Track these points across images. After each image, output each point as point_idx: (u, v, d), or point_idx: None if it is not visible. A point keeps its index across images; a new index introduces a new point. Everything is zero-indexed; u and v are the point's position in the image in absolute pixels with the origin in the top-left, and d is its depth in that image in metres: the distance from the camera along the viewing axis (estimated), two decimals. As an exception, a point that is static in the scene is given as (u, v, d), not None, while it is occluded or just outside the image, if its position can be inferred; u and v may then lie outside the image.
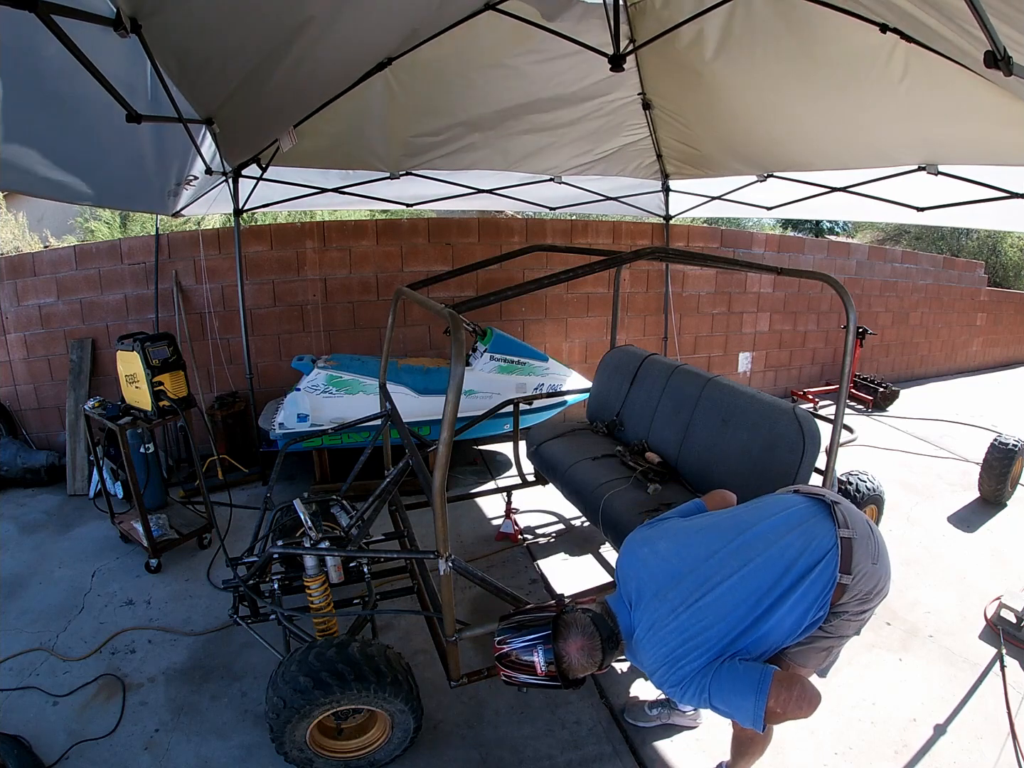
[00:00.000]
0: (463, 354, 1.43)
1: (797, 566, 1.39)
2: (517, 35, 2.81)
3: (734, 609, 1.36)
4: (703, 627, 1.35)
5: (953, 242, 10.86)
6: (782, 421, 2.27)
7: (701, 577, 1.42)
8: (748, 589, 1.38)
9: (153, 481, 3.28)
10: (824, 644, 1.51)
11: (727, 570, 1.41)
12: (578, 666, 1.39)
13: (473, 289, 4.79)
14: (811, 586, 1.38)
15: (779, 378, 6.37)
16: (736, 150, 3.77)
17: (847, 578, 1.39)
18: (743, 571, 1.40)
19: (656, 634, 1.39)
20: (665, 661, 1.36)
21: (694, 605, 1.38)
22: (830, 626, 1.48)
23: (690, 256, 2.39)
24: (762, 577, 1.39)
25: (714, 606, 1.37)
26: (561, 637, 1.40)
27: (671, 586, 1.43)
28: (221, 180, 3.47)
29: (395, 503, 2.74)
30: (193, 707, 2.20)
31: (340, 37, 2.41)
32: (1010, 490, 3.83)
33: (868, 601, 1.45)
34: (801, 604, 1.38)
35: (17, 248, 6.05)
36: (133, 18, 1.55)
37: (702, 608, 1.37)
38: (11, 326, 4.16)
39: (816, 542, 1.42)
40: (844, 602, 1.43)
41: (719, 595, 1.38)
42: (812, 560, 1.40)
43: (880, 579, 1.45)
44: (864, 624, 1.52)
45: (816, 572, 1.39)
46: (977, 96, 2.19)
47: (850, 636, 1.54)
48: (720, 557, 1.44)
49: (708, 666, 1.32)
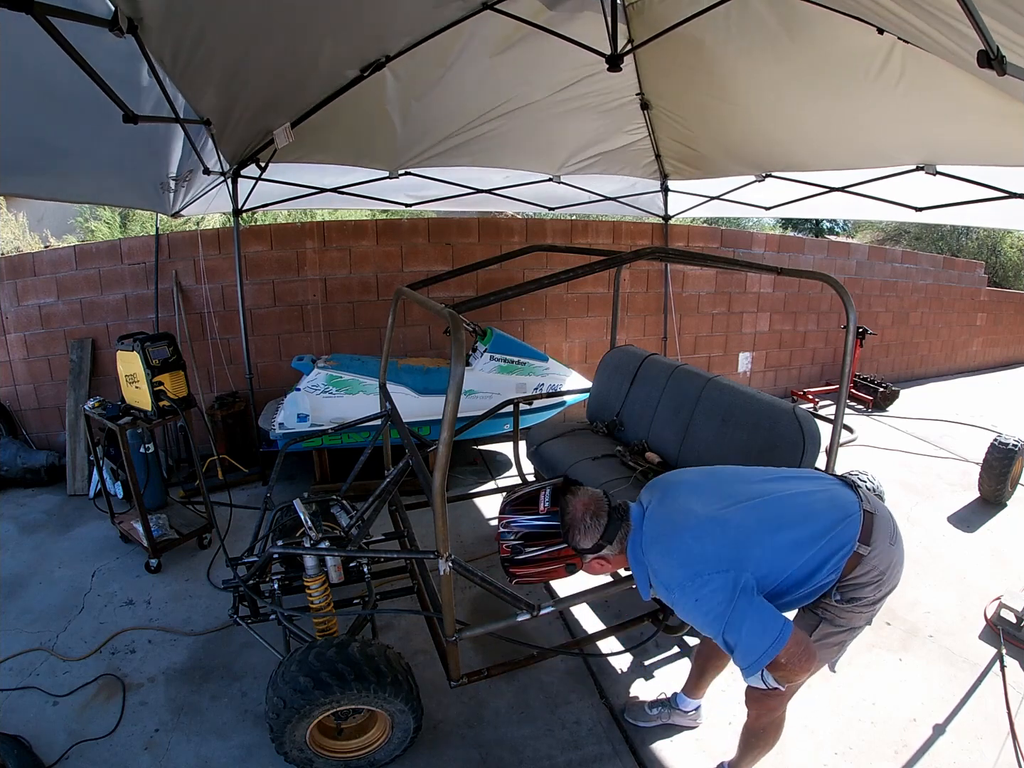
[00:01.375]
0: (463, 354, 1.42)
1: (822, 517, 1.41)
2: (515, 33, 2.81)
3: (757, 527, 1.36)
4: (724, 539, 1.34)
5: (953, 242, 10.86)
6: (782, 421, 2.27)
7: (728, 494, 1.44)
8: (772, 513, 1.40)
9: (153, 481, 3.28)
10: (837, 639, 1.51)
11: (755, 492, 1.45)
12: (580, 523, 1.41)
13: (473, 289, 4.79)
14: (831, 542, 1.38)
15: (779, 378, 6.37)
16: (735, 150, 3.77)
17: (865, 548, 1.40)
18: (770, 497, 1.43)
19: (673, 536, 1.38)
20: (683, 565, 1.32)
21: (719, 515, 1.38)
22: (843, 617, 1.47)
23: (690, 256, 2.38)
24: (788, 508, 1.42)
25: (737, 519, 1.37)
26: (569, 492, 1.46)
27: (695, 495, 1.45)
28: (220, 180, 3.47)
29: (395, 503, 2.74)
30: (193, 707, 2.20)
31: (337, 35, 2.41)
32: (1010, 490, 3.83)
33: (881, 586, 1.44)
34: (818, 555, 1.38)
35: (17, 248, 6.05)
36: (130, 18, 1.55)
37: (726, 519, 1.37)
38: (11, 326, 4.16)
39: (841, 503, 1.45)
40: (857, 579, 1.42)
41: (745, 510, 1.39)
42: (836, 516, 1.41)
43: (894, 562, 1.46)
44: (875, 614, 1.52)
45: (838, 530, 1.39)
46: (975, 96, 2.19)
47: (861, 628, 1.53)
48: (750, 483, 1.49)
49: (730, 591, 1.27)
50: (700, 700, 2.11)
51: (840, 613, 1.48)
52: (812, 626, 1.52)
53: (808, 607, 1.55)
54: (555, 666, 2.39)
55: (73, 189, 3.01)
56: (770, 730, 1.72)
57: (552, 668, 2.38)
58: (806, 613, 1.56)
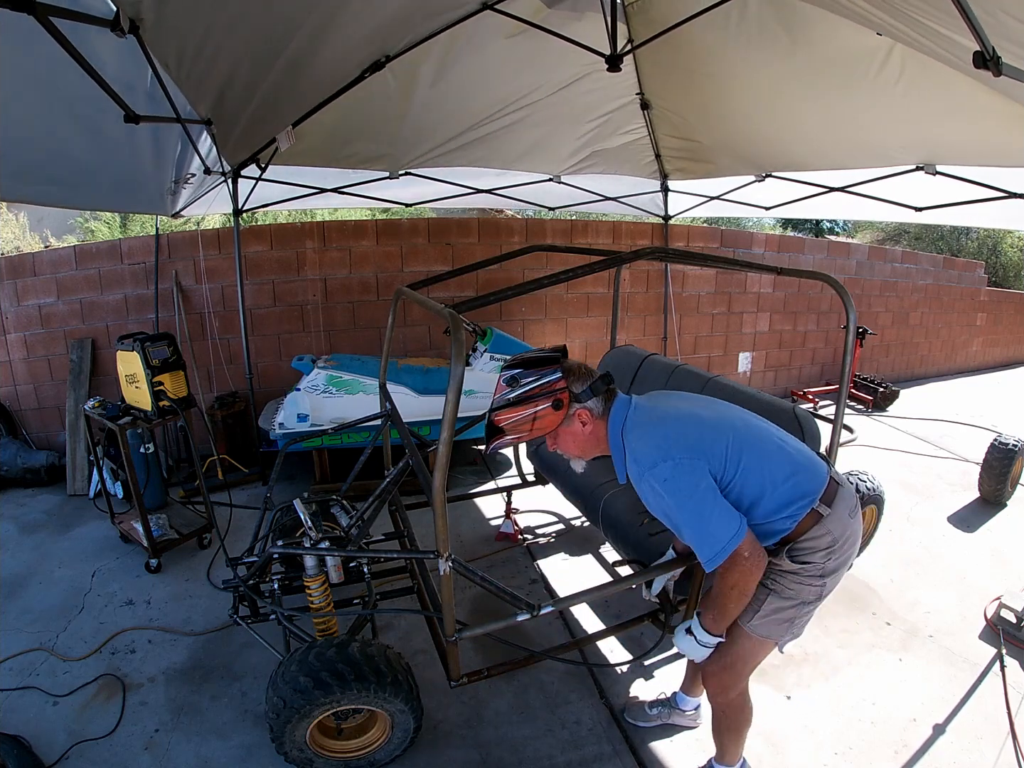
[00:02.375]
0: (463, 354, 1.42)
1: (794, 458, 1.48)
2: (514, 33, 2.81)
3: (735, 434, 1.44)
4: (700, 432, 1.43)
5: (953, 242, 10.87)
6: (782, 421, 2.26)
7: (715, 409, 1.55)
8: (752, 434, 1.48)
9: (153, 481, 3.28)
10: (786, 614, 1.53)
11: (739, 415, 1.55)
12: (576, 369, 1.49)
13: (473, 289, 4.79)
14: (796, 486, 1.44)
15: (779, 378, 6.37)
16: (735, 150, 3.77)
17: (825, 509, 1.45)
18: (752, 424, 1.52)
19: (655, 423, 1.46)
20: (658, 448, 1.40)
21: (701, 415, 1.48)
22: (791, 588, 1.50)
23: (690, 256, 2.38)
24: (765, 437, 1.50)
25: (716, 421, 1.47)
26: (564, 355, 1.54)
27: (684, 401, 1.58)
28: (220, 180, 3.47)
29: (395, 503, 2.74)
30: (193, 707, 2.20)
31: (337, 36, 2.41)
32: (1010, 490, 3.83)
33: (832, 554, 1.46)
34: (782, 494, 1.43)
35: (17, 248, 6.05)
36: (132, 19, 1.55)
37: (705, 418, 1.47)
38: (11, 326, 4.16)
39: (812, 459, 1.52)
40: (811, 540, 1.45)
41: (728, 421, 1.48)
42: (806, 463, 1.48)
43: (849, 536, 1.50)
44: (826, 592, 1.53)
45: (805, 475, 1.46)
46: (974, 96, 2.19)
47: (811, 606, 1.54)
48: (735, 410, 1.59)
49: (698, 476, 1.36)
50: (700, 699, 2.11)
51: (788, 583, 1.51)
52: (759, 601, 1.55)
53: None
54: (555, 666, 2.39)
55: (76, 197, 3.01)
56: (733, 712, 1.73)
57: (552, 668, 2.38)
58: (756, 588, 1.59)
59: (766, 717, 2.16)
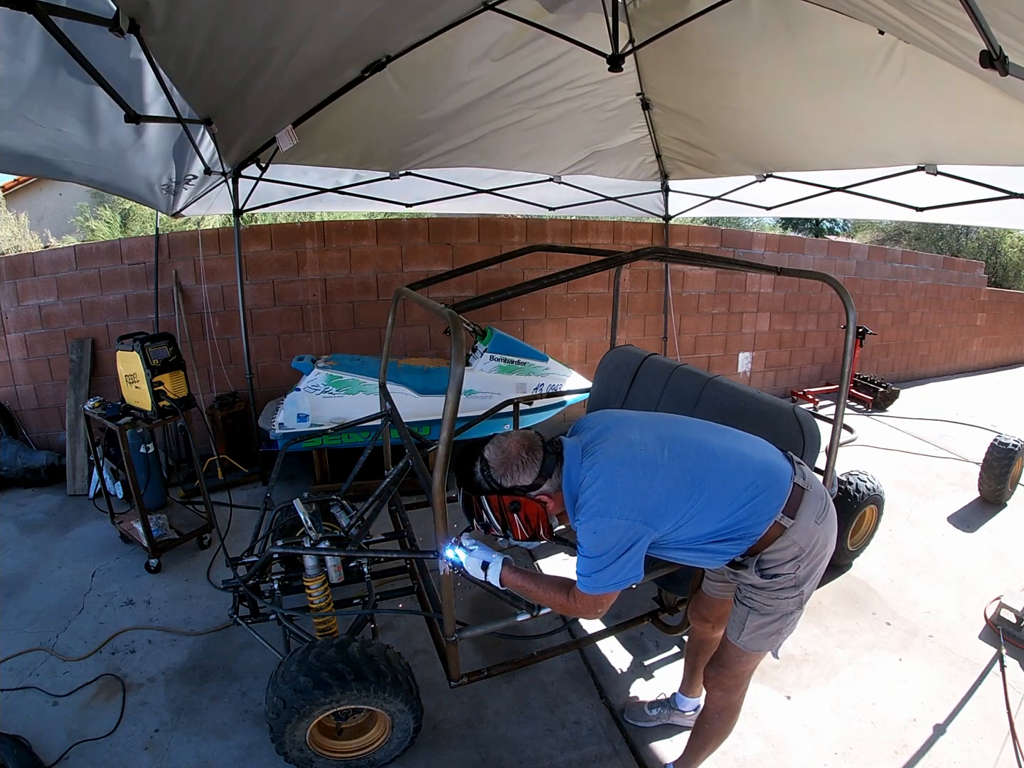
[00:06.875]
0: (463, 354, 1.42)
1: (748, 480, 1.41)
2: (516, 33, 2.81)
3: (681, 479, 1.37)
4: (645, 488, 1.34)
5: (953, 242, 10.87)
6: (782, 421, 2.27)
7: (666, 437, 1.44)
8: (702, 466, 1.40)
9: (153, 481, 3.28)
10: (771, 628, 1.53)
11: (692, 439, 1.45)
12: (517, 459, 1.38)
13: (473, 289, 4.79)
14: (751, 508, 1.39)
15: (779, 378, 6.37)
16: (735, 150, 3.77)
17: (788, 521, 1.41)
18: (704, 449, 1.43)
19: (605, 468, 1.36)
20: (603, 498, 1.33)
21: (651, 459, 1.37)
22: (769, 604, 1.49)
23: (690, 256, 2.38)
24: (717, 464, 1.41)
25: (666, 466, 1.37)
26: (504, 436, 1.45)
27: (635, 430, 1.44)
28: (221, 180, 3.46)
29: (395, 503, 2.74)
30: (193, 707, 2.20)
31: (337, 35, 2.41)
32: (1010, 490, 3.83)
33: (800, 563, 1.44)
34: (734, 517, 1.39)
35: (17, 248, 6.06)
36: (132, 19, 1.55)
37: (656, 465, 1.37)
38: (11, 326, 4.16)
39: (772, 471, 1.46)
40: (776, 552, 1.42)
41: (677, 458, 1.39)
42: (763, 482, 1.42)
43: (817, 541, 1.45)
44: (806, 598, 1.51)
45: (760, 498, 1.40)
46: (976, 96, 2.19)
47: (795, 615, 1.53)
48: (690, 430, 1.51)
49: (627, 542, 1.31)
50: (699, 700, 2.10)
51: (765, 599, 1.49)
52: (742, 620, 1.54)
53: (737, 598, 1.58)
54: (555, 666, 2.39)
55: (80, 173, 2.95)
56: (727, 716, 1.72)
57: (552, 668, 2.38)
58: (737, 606, 1.58)
59: (766, 717, 2.16)
